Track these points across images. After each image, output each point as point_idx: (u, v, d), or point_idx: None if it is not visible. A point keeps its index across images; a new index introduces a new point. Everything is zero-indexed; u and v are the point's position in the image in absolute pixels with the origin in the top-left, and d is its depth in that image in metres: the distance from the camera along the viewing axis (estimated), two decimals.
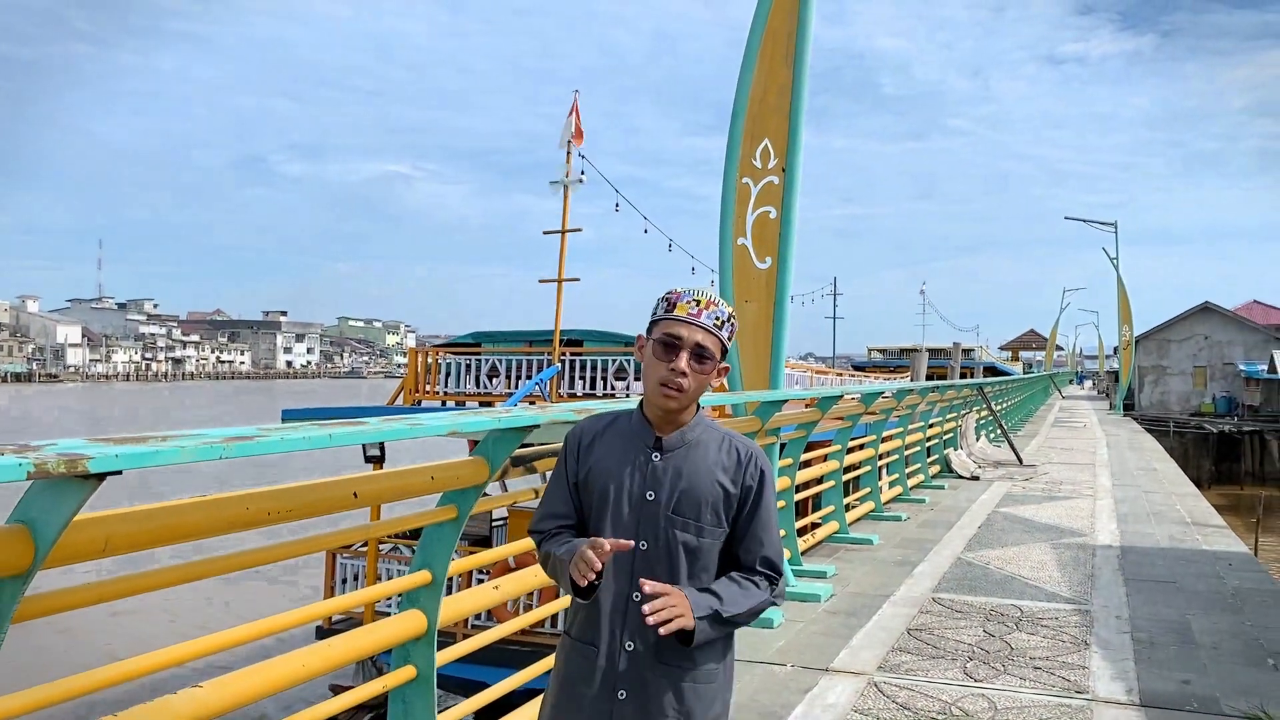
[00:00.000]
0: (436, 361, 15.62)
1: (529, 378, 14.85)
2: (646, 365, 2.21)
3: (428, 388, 15.43)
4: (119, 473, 1.90)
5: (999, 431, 18.39)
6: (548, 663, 3.16)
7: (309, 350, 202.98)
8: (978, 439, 17.47)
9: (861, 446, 10.53)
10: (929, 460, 13.68)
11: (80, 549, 2.03)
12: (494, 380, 15.38)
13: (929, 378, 26.11)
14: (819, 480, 9.26)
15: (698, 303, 2.18)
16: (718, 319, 2.18)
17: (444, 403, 15.45)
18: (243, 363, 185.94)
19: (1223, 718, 4.48)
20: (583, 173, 15.57)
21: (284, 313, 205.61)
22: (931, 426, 13.75)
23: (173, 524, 2.20)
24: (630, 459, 2.20)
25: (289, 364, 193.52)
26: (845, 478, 9.60)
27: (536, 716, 2.33)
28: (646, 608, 2.00)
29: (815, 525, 8.93)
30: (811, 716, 4.41)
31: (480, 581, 10.89)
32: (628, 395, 14.32)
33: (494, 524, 14.67)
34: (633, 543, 2.11)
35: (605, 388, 14.97)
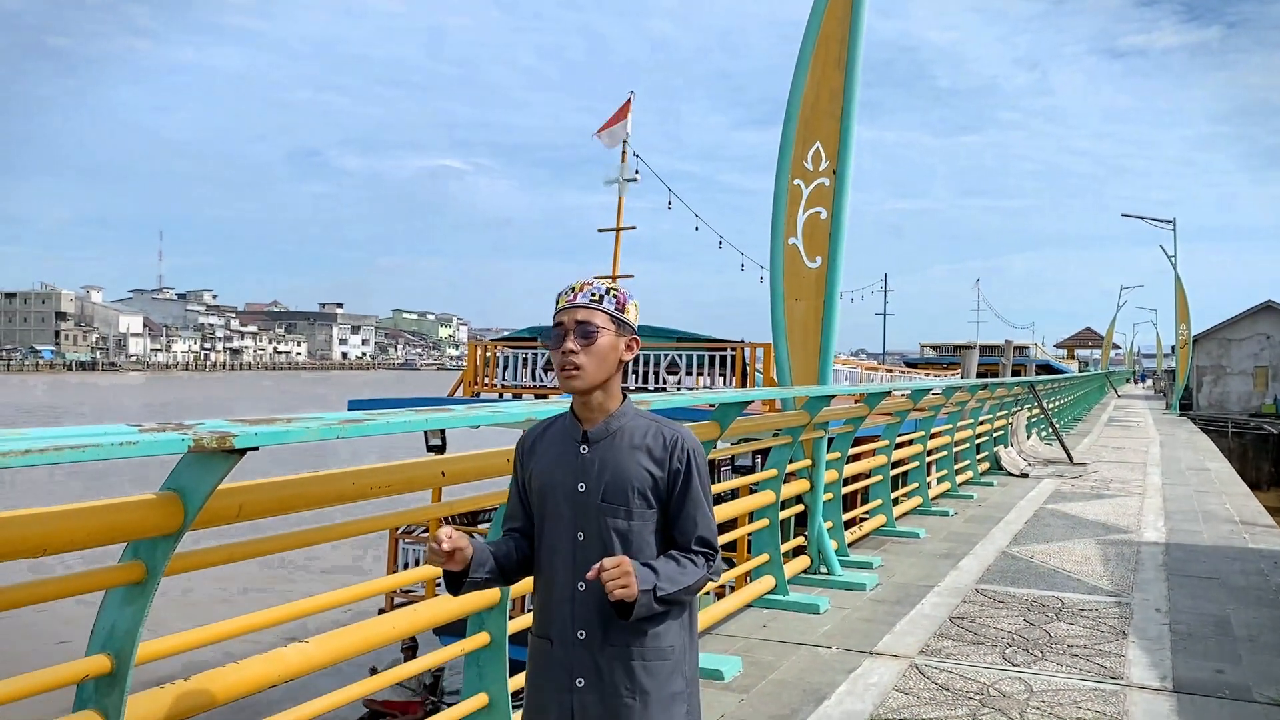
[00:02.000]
0: (494, 355, 16.01)
1: None
2: None
3: (486, 380, 15.84)
4: (256, 448, 2.22)
5: (1050, 429, 18.39)
6: None
7: (364, 342, 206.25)
8: (1028, 437, 17.49)
9: (910, 442, 10.69)
10: (978, 457, 13.78)
11: (219, 514, 2.36)
12: (549, 374, 15.72)
13: (980, 375, 26.04)
14: (867, 474, 9.46)
15: (573, 289, 2.31)
16: (594, 294, 2.29)
17: (501, 395, 15.83)
18: (299, 353, 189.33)
19: (1252, 704, 4.66)
20: (636, 171, 15.83)
21: (339, 304, 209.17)
22: (981, 424, 13.84)
23: (294, 494, 2.53)
24: (563, 455, 2.32)
25: (344, 355, 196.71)
26: (894, 473, 9.78)
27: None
28: (602, 576, 2.10)
29: (863, 518, 9.15)
30: (854, 694, 4.67)
31: None
32: (679, 389, 14.60)
33: None
34: (448, 533, 2.17)
35: (658, 381, 15.24)
